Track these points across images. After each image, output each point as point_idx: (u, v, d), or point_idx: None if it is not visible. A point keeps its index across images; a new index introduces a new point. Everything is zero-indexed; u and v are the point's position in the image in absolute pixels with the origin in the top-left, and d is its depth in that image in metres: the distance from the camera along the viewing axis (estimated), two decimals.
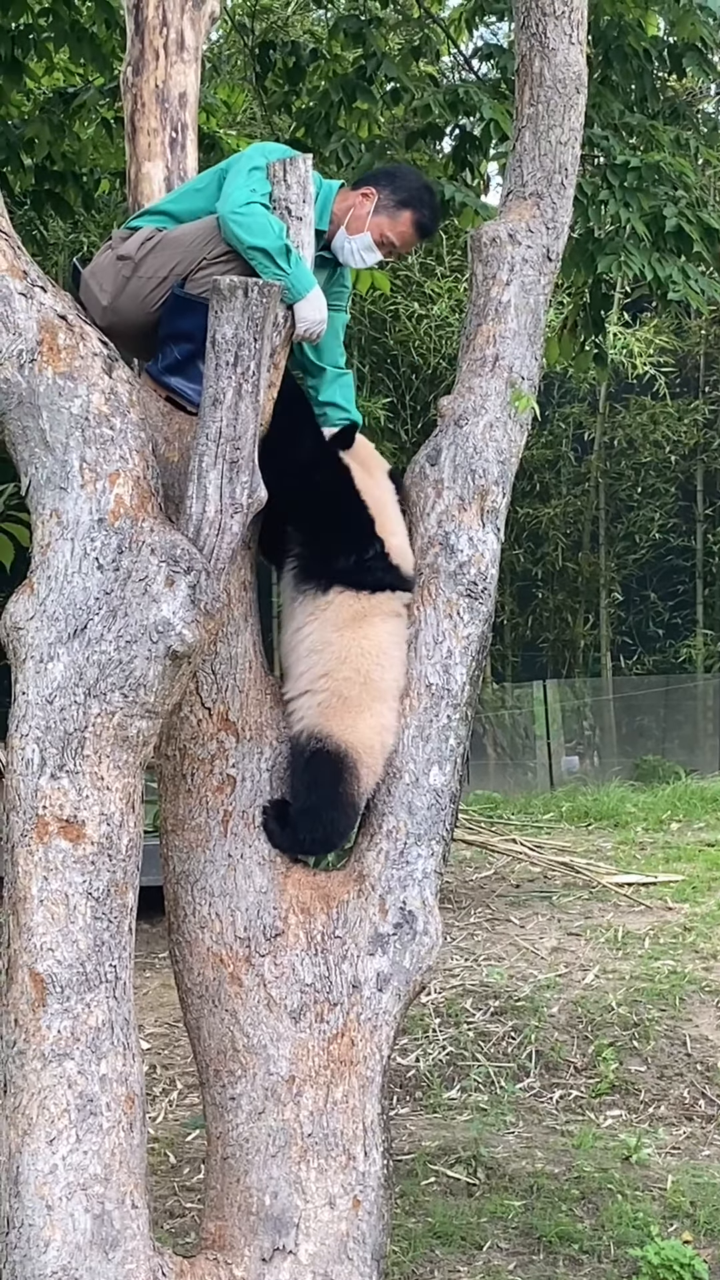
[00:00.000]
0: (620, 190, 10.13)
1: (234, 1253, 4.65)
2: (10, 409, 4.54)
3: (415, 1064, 8.87)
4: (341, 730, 5.02)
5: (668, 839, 14.77)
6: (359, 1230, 4.71)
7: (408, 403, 23.10)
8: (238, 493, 4.57)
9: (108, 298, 5.23)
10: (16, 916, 4.36)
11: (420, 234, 5.53)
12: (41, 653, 4.42)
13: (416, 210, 5.48)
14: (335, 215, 5.44)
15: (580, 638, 26.74)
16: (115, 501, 4.49)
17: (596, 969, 10.10)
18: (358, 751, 5.04)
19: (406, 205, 5.46)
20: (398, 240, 5.48)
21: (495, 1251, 6.64)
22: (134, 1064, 4.44)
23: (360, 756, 5.04)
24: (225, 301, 4.49)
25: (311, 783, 5.00)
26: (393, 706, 5.15)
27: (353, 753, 5.02)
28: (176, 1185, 7.39)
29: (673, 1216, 6.88)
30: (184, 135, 5.79)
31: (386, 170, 5.74)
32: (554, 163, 5.71)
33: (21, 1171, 4.26)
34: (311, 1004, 4.82)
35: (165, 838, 5.06)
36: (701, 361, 25.82)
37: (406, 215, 5.46)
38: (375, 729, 5.11)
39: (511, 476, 5.52)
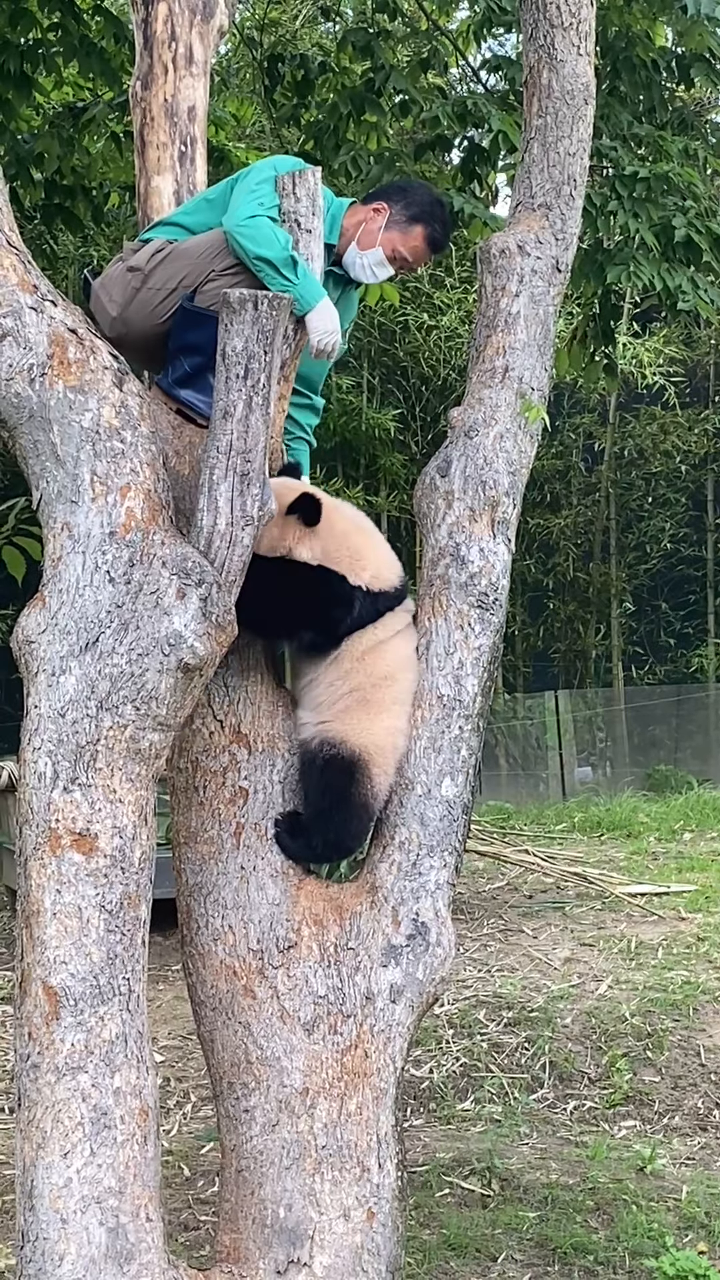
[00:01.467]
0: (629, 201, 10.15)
1: (249, 1265, 4.65)
2: (21, 423, 4.55)
3: (429, 1075, 8.87)
4: (356, 734, 5.01)
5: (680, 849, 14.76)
6: (373, 1242, 4.70)
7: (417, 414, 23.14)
8: (248, 505, 4.57)
9: (117, 309, 5.25)
10: (30, 930, 4.36)
11: (432, 249, 5.55)
12: (53, 666, 4.43)
13: (428, 225, 5.49)
14: (346, 230, 5.45)
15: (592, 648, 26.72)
16: (126, 514, 4.50)
17: (610, 979, 10.10)
18: (369, 753, 5.03)
19: (418, 220, 5.47)
20: (410, 255, 5.49)
21: (510, 1263, 6.64)
22: (148, 1077, 4.44)
23: (373, 757, 5.04)
24: (235, 314, 4.49)
25: (324, 787, 4.99)
26: (405, 709, 5.15)
27: (364, 755, 5.02)
28: (191, 1198, 7.39)
29: (688, 1227, 6.87)
30: (193, 149, 5.81)
31: (398, 185, 5.75)
32: (563, 174, 5.71)
33: (36, 1185, 4.26)
34: (325, 1016, 4.82)
35: (178, 850, 5.06)
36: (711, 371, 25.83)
37: (418, 230, 5.47)
38: (389, 730, 5.10)
39: (522, 487, 5.52)
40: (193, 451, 5.08)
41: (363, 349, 21.70)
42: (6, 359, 4.50)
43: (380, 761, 5.06)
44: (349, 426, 21.37)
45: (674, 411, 25.10)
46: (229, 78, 16.52)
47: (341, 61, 12.22)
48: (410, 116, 12.04)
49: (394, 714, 5.13)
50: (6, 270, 4.56)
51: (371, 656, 5.09)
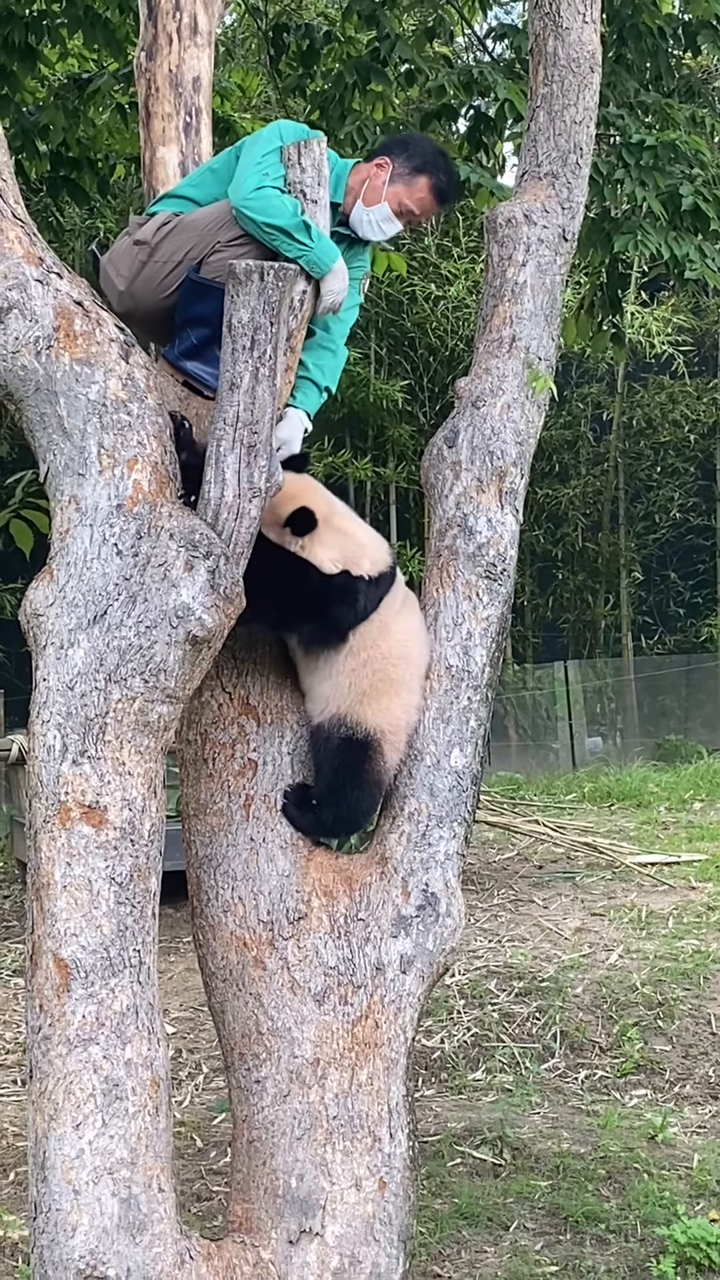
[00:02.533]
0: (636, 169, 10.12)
1: (261, 1235, 4.66)
2: (28, 396, 4.54)
3: (440, 1045, 8.89)
4: (373, 715, 5.00)
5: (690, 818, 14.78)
6: (385, 1212, 4.71)
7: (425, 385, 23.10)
8: (255, 477, 4.56)
9: (124, 283, 5.24)
10: (40, 902, 4.37)
11: (438, 199, 5.50)
12: (62, 639, 4.43)
13: (432, 175, 5.44)
14: (351, 189, 5.41)
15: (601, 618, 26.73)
16: (133, 487, 4.49)
17: (620, 949, 10.11)
18: (383, 731, 5.02)
19: (422, 171, 5.42)
20: (416, 208, 5.44)
21: (522, 1232, 6.66)
22: (159, 1048, 4.45)
23: (386, 735, 5.03)
24: (241, 285, 4.48)
25: (338, 765, 4.98)
26: (419, 683, 5.14)
27: (379, 733, 5.01)
28: (203, 1169, 7.42)
29: (699, 1195, 6.89)
30: (198, 119, 5.79)
31: (399, 139, 5.72)
32: (569, 142, 5.69)
33: (48, 1156, 4.26)
34: (335, 987, 4.82)
35: (187, 822, 5.06)
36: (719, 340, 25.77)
37: (423, 181, 5.43)
38: (404, 707, 5.08)
39: (529, 457, 5.51)
40: (200, 424, 5.07)
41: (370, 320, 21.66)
42: (13, 332, 4.49)
43: (393, 739, 5.05)
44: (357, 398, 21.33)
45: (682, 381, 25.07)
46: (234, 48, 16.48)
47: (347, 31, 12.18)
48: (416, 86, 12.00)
49: (410, 689, 5.11)
50: (12, 243, 4.55)
51: (384, 641, 5.07)
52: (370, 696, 5.00)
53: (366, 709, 4.99)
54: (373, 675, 5.01)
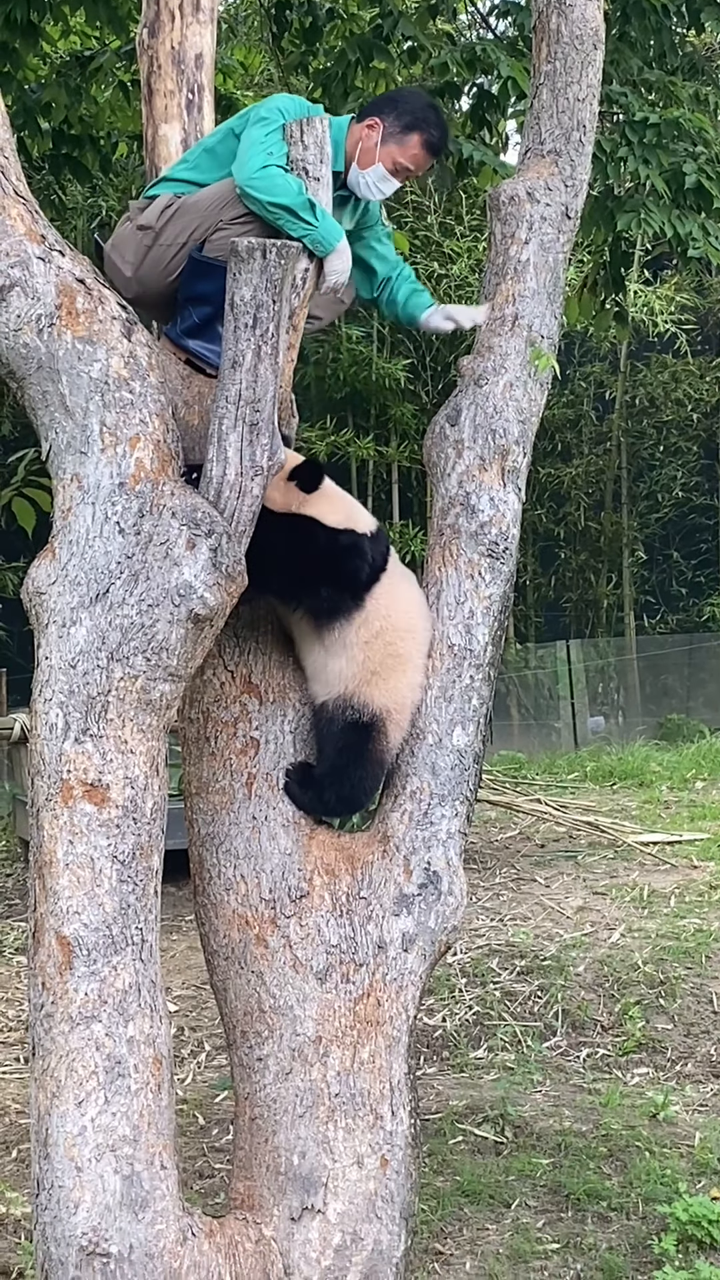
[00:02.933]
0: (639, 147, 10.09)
1: (263, 1212, 4.68)
2: (30, 374, 4.54)
3: (442, 1024, 8.90)
4: (380, 696, 4.99)
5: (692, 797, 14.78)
6: (387, 1189, 4.72)
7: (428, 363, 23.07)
8: (258, 455, 4.56)
9: (131, 269, 5.24)
10: (42, 880, 4.37)
11: (431, 153, 5.47)
12: (64, 617, 4.43)
13: (423, 131, 5.42)
14: (347, 152, 5.41)
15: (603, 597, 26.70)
16: (136, 465, 4.49)
17: (622, 928, 10.12)
18: (389, 711, 5.02)
19: (413, 128, 5.40)
20: (410, 164, 5.42)
21: (523, 1209, 6.67)
22: (161, 1026, 4.45)
23: (391, 715, 5.03)
24: (243, 263, 4.47)
25: (342, 746, 4.98)
26: (423, 659, 5.13)
27: (384, 713, 5.01)
28: (205, 1146, 7.43)
29: (701, 1173, 6.90)
30: (200, 97, 5.78)
31: (388, 97, 5.69)
32: (572, 120, 5.67)
33: (50, 1133, 4.27)
34: (337, 965, 4.83)
35: (189, 801, 5.06)
36: None
37: (414, 138, 5.40)
38: (409, 686, 5.08)
39: (532, 436, 5.51)
40: (202, 402, 5.07)
41: None
42: (15, 309, 4.49)
43: (398, 718, 5.05)
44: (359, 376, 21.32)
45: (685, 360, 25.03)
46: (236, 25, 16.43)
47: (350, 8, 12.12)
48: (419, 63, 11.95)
49: (415, 666, 5.11)
50: (14, 220, 4.54)
51: (394, 611, 5.05)
52: (379, 675, 4.99)
53: (374, 689, 4.98)
54: (384, 649, 5.00)
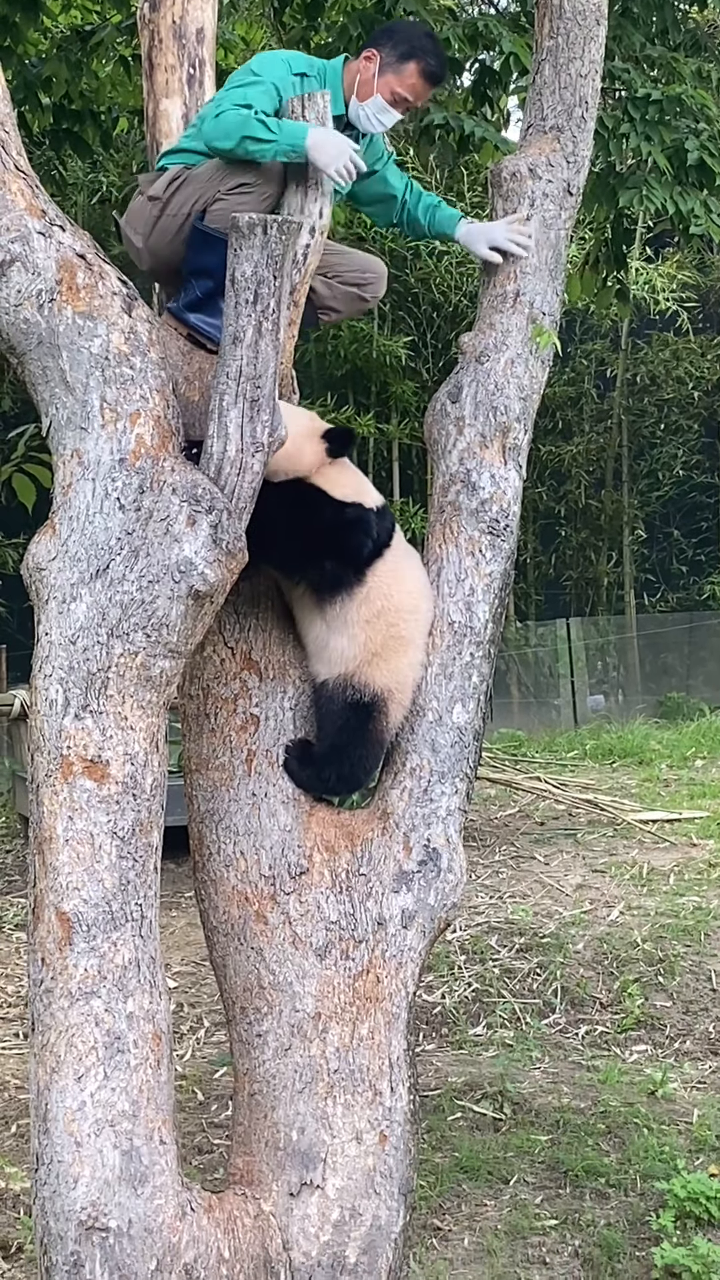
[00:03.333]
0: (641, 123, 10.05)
1: (262, 1187, 4.69)
2: (30, 349, 4.53)
3: (441, 1001, 8.91)
4: (381, 676, 4.99)
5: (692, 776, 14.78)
6: (386, 1165, 4.73)
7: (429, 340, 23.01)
8: (259, 431, 4.55)
9: (141, 240, 5.27)
10: (42, 856, 4.37)
11: (429, 81, 5.44)
12: (64, 593, 4.42)
13: (420, 59, 5.40)
14: (345, 89, 5.40)
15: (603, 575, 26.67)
16: (136, 441, 4.48)
17: (621, 905, 10.14)
18: (390, 691, 5.02)
19: (409, 57, 5.38)
20: (409, 94, 5.39)
21: (522, 1185, 6.69)
22: (161, 1002, 4.46)
23: (392, 694, 5.03)
24: (244, 239, 4.46)
25: (341, 725, 4.98)
26: (425, 639, 5.12)
27: (385, 693, 5.01)
28: (204, 1122, 7.45)
29: (699, 1150, 6.91)
30: (202, 71, 5.76)
31: (384, 29, 5.66)
32: (574, 96, 5.65)
33: (50, 1108, 4.28)
34: (337, 941, 4.83)
35: (189, 777, 5.07)
36: None
37: (411, 67, 5.38)
38: (410, 665, 5.07)
39: (533, 413, 5.50)
40: (202, 378, 5.06)
41: None
42: (15, 284, 4.48)
43: (399, 697, 5.05)
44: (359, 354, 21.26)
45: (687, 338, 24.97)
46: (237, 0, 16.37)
47: None
48: None
49: (416, 647, 5.10)
50: (15, 195, 4.53)
51: (397, 590, 5.05)
52: (380, 656, 4.99)
53: (375, 670, 4.98)
54: (386, 629, 4.99)
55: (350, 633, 4.97)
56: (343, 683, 4.98)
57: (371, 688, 4.97)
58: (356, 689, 4.97)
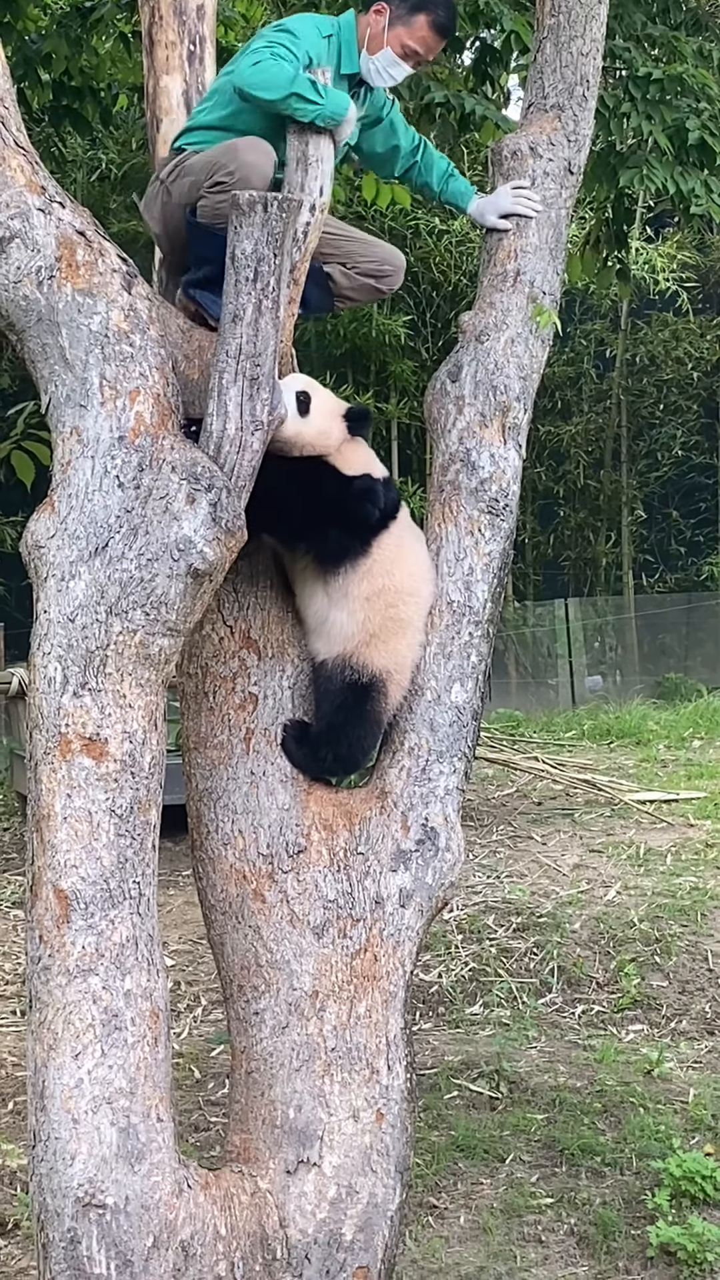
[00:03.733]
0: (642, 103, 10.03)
1: (259, 1165, 4.69)
2: (29, 326, 4.52)
3: (438, 980, 8.92)
4: (380, 657, 4.99)
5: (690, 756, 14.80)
6: (382, 1143, 4.74)
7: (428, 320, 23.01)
8: (258, 410, 4.55)
9: (157, 225, 5.34)
10: (40, 834, 4.38)
11: (439, 34, 5.40)
12: (63, 571, 4.42)
13: (430, 11, 5.37)
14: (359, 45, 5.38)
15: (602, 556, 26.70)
16: (135, 419, 4.48)
17: (618, 885, 10.15)
18: (389, 672, 5.02)
19: (419, 9, 5.35)
20: (419, 47, 5.37)
21: (518, 1164, 6.70)
22: (158, 979, 4.46)
23: (391, 675, 5.02)
24: (245, 217, 4.45)
25: (339, 705, 4.97)
26: (424, 620, 5.12)
27: (384, 674, 5.01)
28: (201, 1100, 7.46)
29: (694, 1129, 6.93)
30: (202, 48, 5.74)
31: None
32: (575, 74, 5.64)
33: (47, 1086, 4.29)
34: (334, 920, 4.83)
35: (188, 755, 5.06)
36: None
37: (421, 19, 5.36)
38: (409, 646, 5.07)
39: (533, 393, 5.50)
40: (202, 356, 5.05)
41: None
42: (15, 261, 4.47)
43: (398, 678, 5.05)
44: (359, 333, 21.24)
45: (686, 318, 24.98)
46: None
47: None
48: None
49: (416, 628, 5.10)
50: (14, 171, 4.52)
51: (398, 570, 5.04)
52: (379, 638, 4.98)
53: (373, 651, 4.98)
54: (385, 609, 4.99)
55: (350, 608, 4.97)
56: (341, 662, 4.98)
57: (370, 668, 4.97)
58: (355, 669, 4.97)
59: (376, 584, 4.98)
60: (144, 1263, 4.25)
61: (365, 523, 4.98)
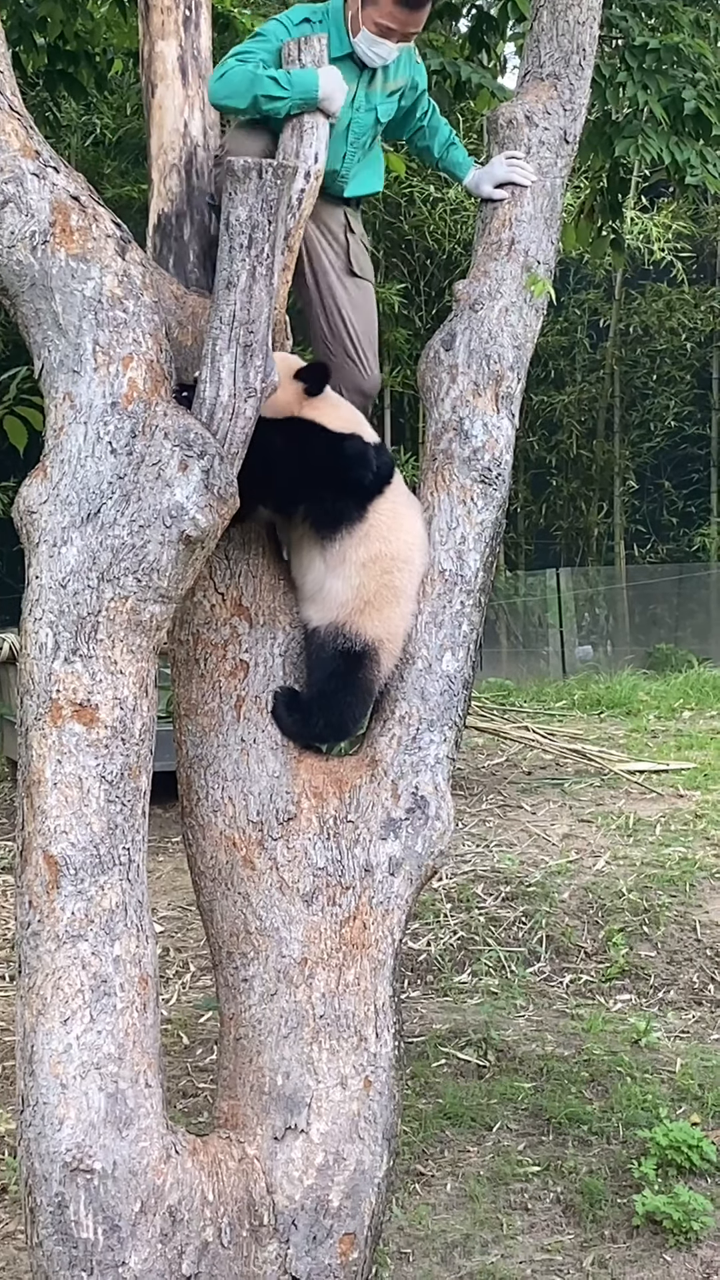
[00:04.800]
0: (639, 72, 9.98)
1: (246, 1131, 4.70)
2: (23, 291, 4.51)
3: (426, 948, 8.94)
4: (373, 626, 4.99)
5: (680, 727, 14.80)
6: (370, 1110, 4.75)
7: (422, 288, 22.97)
8: (251, 377, 4.54)
9: None
10: (30, 799, 4.38)
11: (405, 6, 5.27)
12: (55, 537, 4.41)
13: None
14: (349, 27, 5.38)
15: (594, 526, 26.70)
16: (128, 385, 4.47)
17: (607, 855, 10.16)
18: (381, 640, 5.02)
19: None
20: (391, 23, 5.29)
21: (505, 1132, 6.72)
22: (147, 946, 4.47)
23: (383, 643, 5.02)
24: (239, 183, 4.44)
25: (331, 672, 4.98)
26: (416, 588, 5.12)
27: (377, 642, 5.01)
28: (190, 1066, 7.47)
29: (681, 1099, 6.94)
30: (198, 13, 5.70)
31: None
32: (572, 43, 5.63)
33: (36, 1051, 4.30)
34: (324, 887, 4.84)
35: (178, 722, 5.07)
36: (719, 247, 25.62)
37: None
38: (402, 616, 5.07)
39: (526, 362, 5.49)
40: (196, 322, 5.04)
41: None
42: (8, 226, 4.46)
43: (389, 647, 5.05)
44: None
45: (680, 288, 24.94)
46: None
47: None
48: None
49: (409, 597, 5.10)
50: (9, 135, 4.51)
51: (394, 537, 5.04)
52: (373, 605, 4.98)
53: (367, 620, 4.98)
54: (380, 576, 4.99)
55: (346, 574, 4.97)
56: (334, 630, 4.98)
57: (363, 637, 4.97)
58: (348, 637, 4.97)
59: (373, 549, 4.98)
60: (131, 1227, 4.26)
61: (359, 486, 4.98)
